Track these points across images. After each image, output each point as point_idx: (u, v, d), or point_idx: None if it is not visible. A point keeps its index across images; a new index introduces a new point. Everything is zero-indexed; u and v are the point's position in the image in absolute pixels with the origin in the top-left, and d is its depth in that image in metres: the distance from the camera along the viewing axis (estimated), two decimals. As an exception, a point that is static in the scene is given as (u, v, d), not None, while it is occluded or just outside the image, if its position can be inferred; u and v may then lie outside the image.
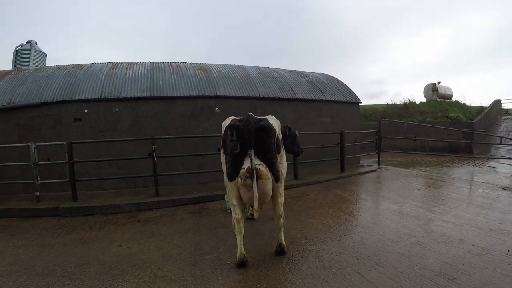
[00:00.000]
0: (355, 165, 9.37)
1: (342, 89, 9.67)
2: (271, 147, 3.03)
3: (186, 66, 8.83)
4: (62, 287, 2.89)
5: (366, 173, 8.27)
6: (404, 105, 17.65)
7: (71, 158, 5.61)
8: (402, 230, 3.85)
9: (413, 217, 4.37)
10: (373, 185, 6.88)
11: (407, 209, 4.83)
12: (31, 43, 9.97)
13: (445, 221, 4.17)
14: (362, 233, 3.85)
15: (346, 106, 9.44)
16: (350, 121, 9.47)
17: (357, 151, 9.64)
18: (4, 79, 6.74)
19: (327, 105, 8.94)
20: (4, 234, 4.35)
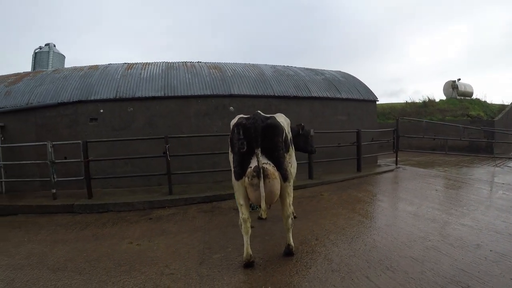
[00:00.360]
0: (372, 164, 9.07)
1: (359, 87, 9.40)
2: (279, 145, 2.96)
3: (201, 65, 8.90)
4: (71, 281, 2.94)
5: (383, 173, 8.00)
6: (423, 103, 17.17)
7: (86, 156, 5.78)
8: (417, 233, 3.70)
9: (429, 220, 4.18)
10: (390, 186, 6.66)
11: (423, 211, 4.62)
12: (50, 46, 10.42)
13: (462, 224, 3.97)
14: (375, 235, 3.71)
15: (363, 104, 9.18)
16: (367, 120, 9.19)
17: (374, 150, 9.33)
18: (23, 80, 7.08)
19: (343, 103, 8.72)
20: (20, 229, 4.52)
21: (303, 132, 4.82)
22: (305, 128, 4.85)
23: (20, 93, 6.70)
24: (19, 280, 2.98)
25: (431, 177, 7.40)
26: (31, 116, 6.61)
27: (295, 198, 5.59)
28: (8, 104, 6.49)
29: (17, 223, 4.81)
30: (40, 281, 2.95)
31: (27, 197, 5.91)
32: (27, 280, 2.97)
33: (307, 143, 4.94)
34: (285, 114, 7.77)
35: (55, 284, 2.90)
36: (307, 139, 4.93)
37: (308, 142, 4.94)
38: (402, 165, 9.07)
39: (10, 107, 6.41)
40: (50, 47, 10.36)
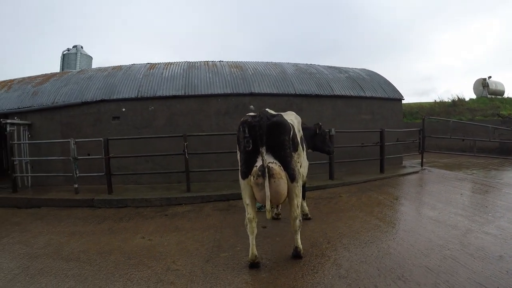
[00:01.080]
0: (397, 165, 8.62)
1: (384, 85, 9.00)
2: (285, 144, 2.88)
3: (222, 64, 9.00)
4: (81, 271, 3.04)
5: (407, 174, 7.58)
6: (452, 102, 16.63)
7: (107, 154, 6.03)
8: (435, 241, 3.45)
9: (450, 226, 3.90)
10: (412, 188, 6.29)
11: (445, 216, 4.32)
12: (77, 48, 11.08)
13: (485, 232, 3.65)
14: (390, 241, 3.50)
15: (388, 103, 8.76)
16: (392, 119, 8.77)
17: (399, 151, 8.87)
18: (49, 81, 7.58)
19: (367, 102, 8.38)
20: (42, 221, 4.78)
21: (321, 132, 4.73)
22: (322, 127, 4.80)
23: (46, 93, 7.18)
24: (34, 268, 3.14)
25: (457, 180, 6.91)
26: (56, 114, 7.04)
27: (312, 198, 5.59)
28: (35, 104, 6.98)
29: (39, 215, 5.11)
30: (52, 270, 3.08)
31: (51, 191, 6.27)
32: (41, 269, 3.11)
33: (324, 143, 4.85)
34: (307, 113, 7.89)
35: (66, 273, 3.01)
36: (325, 139, 4.86)
37: (325, 142, 4.87)
38: (427, 167, 8.58)
39: (37, 106, 6.89)
40: (77, 49, 11.03)
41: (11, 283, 2.84)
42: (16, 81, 8.02)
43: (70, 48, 11.10)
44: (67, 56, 10.90)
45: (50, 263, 3.25)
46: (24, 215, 5.13)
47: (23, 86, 7.62)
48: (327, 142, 4.91)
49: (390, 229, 3.91)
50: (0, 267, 3.16)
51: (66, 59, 10.86)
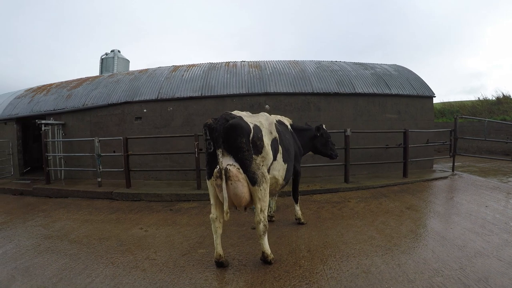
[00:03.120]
0: (426, 169, 8.12)
1: (413, 81, 8.52)
2: (242, 147, 2.94)
3: (243, 64, 9.41)
4: (78, 252, 3.67)
5: (432, 180, 7.07)
6: (496, 100, 15.08)
7: (126, 151, 6.82)
8: (431, 263, 3.10)
9: (457, 246, 3.49)
10: (432, 196, 5.84)
11: (455, 233, 3.92)
12: (114, 52, 12.38)
13: (498, 258, 3.14)
14: (377, 257, 3.27)
15: (417, 100, 8.28)
16: (421, 118, 8.28)
17: (430, 153, 8.33)
18: (82, 85, 8.79)
19: (392, 99, 8.03)
20: (64, 209, 5.70)
21: (322, 134, 4.67)
22: (323, 129, 4.69)
23: (78, 96, 8.35)
24: (43, 246, 3.87)
25: (488, 188, 6.24)
26: (86, 115, 8.16)
27: (318, 202, 5.69)
28: (68, 106, 8.19)
29: (64, 204, 6.08)
30: (56, 249, 3.78)
31: (79, 184, 7.33)
32: (48, 247, 3.83)
33: (326, 146, 4.77)
34: (326, 112, 7.94)
35: (66, 252, 3.66)
36: (327, 141, 4.76)
37: (327, 145, 4.77)
38: (459, 172, 7.92)
39: (69, 108, 8.07)
40: (115, 53, 12.34)
41: (21, 256, 3.59)
42: (54, 85, 9.48)
43: (108, 53, 12.47)
44: (105, 60, 12.27)
45: (57, 244, 3.96)
46: (51, 204, 6.14)
47: (60, 90, 8.96)
48: (329, 145, 4.78)
49: (384, 243, 3.64)
50: (18, 244, 3.98)
51: (104, 63, 12.24)
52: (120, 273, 3.11)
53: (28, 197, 6.83)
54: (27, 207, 5.96)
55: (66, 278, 3.04)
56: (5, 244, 3.98)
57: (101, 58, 12.35)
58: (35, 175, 9.25)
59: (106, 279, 3.00)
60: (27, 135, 10.30)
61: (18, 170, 9.02)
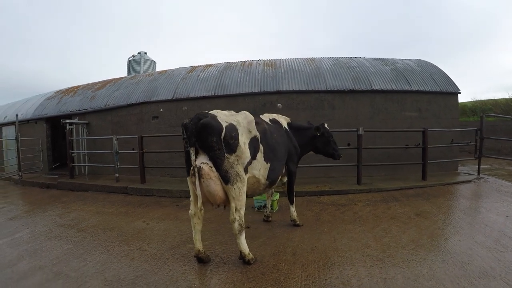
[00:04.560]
0: (450, 172, 7.66)
1: (437, 76, 8.09)
2: (212, 145, 3.07)
3: (258, 63, 9.63)
4: (81, 239, 4.15)
5: (454, 184, 6.65)
6: None
7: (141, 148, 7.38)
8: (420, 282, 2.82)
9: (460, 263, 3.15)
10: (448, 202, 5.49)
11: (463, 246, 3.59)
12: (141, 54, 13.25)
13: (508, 282, 2.76)
14: (362, 268, 3.12)
15: (440, 97, 7.86)
16: (445, 116, 7.85)
17: (455, 154, 7.87)
18: (106, 87, 9.62)
19: (413, 96, 7.71)
20: (82, 202, 6.37)
21: (323, 133, 4.61)
22: (323, 129, 4.62)
23: (101, 97, 9.16)
24: (54, 233, 4.44)
25: None
26: (108, 115, 8.93)
27: (323, 204, 5.71)
28: (91, 106, 9.03)
29: (82, 197, 6.78)
30: (66, 235, 4.33)
31: (99, 179, 8.07)
32: (58, 234, 4.39)
33: (328, 146, 4.69)
34: (340, 110, 7.95)
35: (71, 239, 4.17)
36: (329, 141, 4.68)
37: (329, 145, 4.69)
38: (485, 175, 7.37)
39: (93, 108, 8.89)
40: (141, 55, 13.22)
41: (33, 240, 4.18)
42: (80, 87, 10.49)
43: (135, 55, 13.40)
44: (132, 62, 13.21)
45: (66, 231, 4.52)
46: (72, 196, 6.88)
47: (85, 91, 9.90)
48: (331, 145, 4.70)
49: (377, 253, 3.45)
50: (33, 230, 4.61)
51: (132, 64, 13.17)
52: (111, 260, 3.50)
53: (53, 190, 7.72)
54: (50, 199, 6.75)
55: (65, 261, 3.50)
56: (22, 229, 4.64)
57: (129, 60, 13.29)
58: (63, 170, 10.23)
59: (97, 264, 3.40)
60: (57, 134, 11.42)
61: (47, 165, 10.15)
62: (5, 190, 8.23)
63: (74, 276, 3.14)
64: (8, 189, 8.37)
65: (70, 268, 3.32)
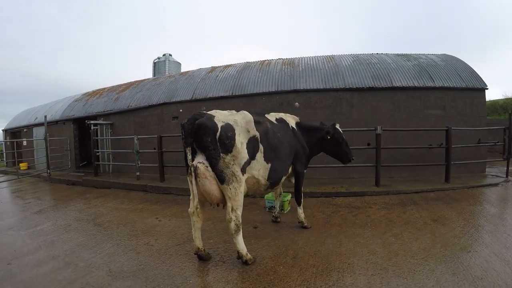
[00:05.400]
0: (476, 174, 7.13)
1: (462, 72, 7.57)
2: (207, 145, 3.10)
3: (277, 62, 9.62)
4: (95, 233, 4.41)
5: (479, 187, 6.17)
6: None
7: (160, 148, 7.66)
8: None
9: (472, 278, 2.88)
10: (470, 207, 5.08)
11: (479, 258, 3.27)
12: (166, 56, 13.71)
13: None
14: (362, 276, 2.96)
15: (465, 93, 7.35)
16: (471, 114, 7.33)
17: (483, 155, 7.30)
18: (129, 89, 10.08)
19: (436, 93, 7.28)
20: (103, 198, 6.73)
21: (333, 135, 4.37)
22: (333, 131, 4.37)
23: (125, 99, 9.62)
24: (72, 226, 4.76)
25: None
26: (130, 116, 9.35)
27: (337, 205, 5.59)
28: (115, 107, 9.51)
29: (104, 194, 7.16)
30: (82, 229, 4.61)
31: (121, 177, 8.48)
32: (76, 227, 4.69)
33: (338, 148, 4.44)
34: (359, 108, 7.79)
35: (87, 232, 4.45)
36: (339, 143, 4.42)
37: (339, 147, 4.43)
38: None
39: (116, 109, 9.36)
40: (166, 57, 13.68)
41: (52, 232, 4.51)
42: (106, 89, 11.09)
43: (160, 57, 13.90)
44: (157, 64, 13.71)
45: (83, 225, 4.81)
46: (94, 193, 7.29)
47: (110, 93, 10.45)
48: (342, 147, 4.42)
49: (382, 261, 3.27)
50: (54, 223, 4.98)
51: (157, 66, 13.68)
52: (119, 253, 3.69)
53: (78, 187, 8.24)
54: (74, 195, 7.22)
55: (77, 252, 3.75)
56: (44, 222, 5.01)
57: (154, 62, 13.82)
58: (89, 168, 10.86)
59: (105, 256, 3.59)
60: (84, 134, 12.10)
61: (74, 164, 10.85)
62: (34, 187, 8.92)
63: (83, 266, 3.35)
64: (37, 186, 9.06)
65: (80, 259, 3.54)
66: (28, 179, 10.56)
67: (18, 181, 10.32)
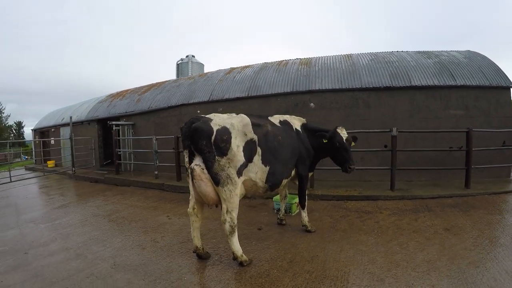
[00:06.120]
0: (501, 179, 6.60)
1: (486, 69, 7.08)
2: (202, 148, 3.20)
3: (294, 62, 9.58)
4: (108, 228, 4.69)
5: (501, 193, 5.72)
6: None
7: (176, 148, 7.94)
8: None
9: None
10: (489, 216, 4.69)
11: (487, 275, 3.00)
12: (189, 57, 14.04)
13: None
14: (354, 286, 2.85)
15: (490, 92, 6.87)
16: (495, 114, 6.83)
17: (508, 159, 6.77)
18: (150, 90, 10.50)
19: (458, 92, 6.86)
20: (121, 195, 7.10)
21: (335, 140, 4.07)
22: (333, 136, 4.09)
23: (146, 100, 10.04)
24: (88, 221, 5.10)
25: None
26: (151, 116, 9.74)
27: (347, 209, 5.45)
28: (137, 109, 9.95)
29: (122, 191, 7.55)
30: (96, 224, 4.94)
31: (141, 176, 8.87)
32: (92, 222, 5.03)
33: (335, 153, 4.13)
34: (376, 109, 7.62)
35: (100, 227, 4.75)
36: (339, 150, 4.07)
37: (338, 152, 4.10)
38: None
39: (137, 111, 9.79)
40: (189, 58, 14.03)
41: (69, 226, 4.88)
42: (129, 91, 11.63)
43: (183, 58, 14.30)
44: (180, 65, 14.12)
45: (99, 220, 5.13)
46: (114, 190, 7.71)
47: (132, 95, 10.94)
48: (341, 153, 4.07)
49: (380, 272, 3.12)
50: (72, 217, 5.38)
51: (180, 67, 14.08)
52: (125, 248, 3.92)
53: (100, 184, 8.75)
54: (94, 192, 7.68)
55: (88, 245, 4.03)
56: (63, 217, 5.42)
57: (177, 64, 14.26)
58: (112, 167, 11.22)
59: (113, 250, 3.84)
60: (108, 134, 12.61)
61: (98, 162, 11.50)
62: (59, 183, 9.60)
63: (91, 258, 3.61)
64: (62, 182, 9.74)
65: (90, 251, 3.82)
66: (54, 176, 11.38)
67: (45, 177, 11.17)
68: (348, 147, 4.08)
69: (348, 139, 4.11)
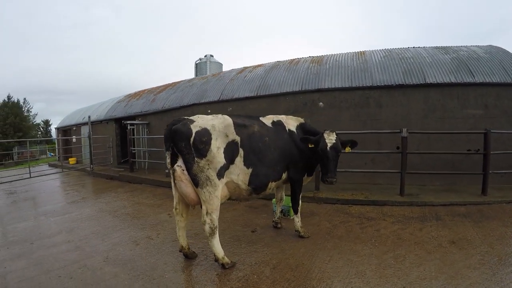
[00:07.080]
0: None
1: (509, 65, 6.53)
2: (182, 150, 3.26)
3: (305, 60, 9.49)
4: (111, 224, 4.97)
5: None
6: None
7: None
8: None
9: None
10: (502, 229, 4.27)
11: None
12: (207, 57, 14.29)
13: None
14: None
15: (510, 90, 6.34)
16: None
17: None
18: (165, 90, 10.84)
19: (476, 90, 6.41)
20: (131, 193, 7.44)
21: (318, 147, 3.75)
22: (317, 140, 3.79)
23: (160, 100, 10.38)
24: (95, 216, 5.45)
25: None
26: (164, 116, 10.06)
27: (349, 215, 5.27)
28: (151, 108, 10.32)
29: (133, 188, 7.91)
30: (102, 219, 5.25)
31: (154, 174, 9.23)
32: (98, 217, 5.37)
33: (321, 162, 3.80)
34: (388, 108, 7.43)
35: (104, 222, 5.06)
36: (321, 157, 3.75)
37: (323, 162, 3.75)
38: None
39: (152, 110, 10.15)
40: (207, 58, 14.29)
41: (75, 220, 5.24)
42: (145, 91, 12.09)
43: (202, 58, 14.58)
44: (199, 65, 14.42)
45: (104, 216, 5.45)
46: (126, 187, 8.09)
47: (148, 95, 11.36)
48: (324, 162, 3.73)
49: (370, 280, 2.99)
50: (80, 212, 5.75)
51: (198, 67, 14.39)
52: (121, 243, 4.14)
53: (115, 181, 9.23)
54: (107, 189, 8.11)
55: (88, 238, 4.32)
56: (72, 211, 5.81)
57: (195, 63, 14.57)
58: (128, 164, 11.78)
59: (110, 245, 4.08)
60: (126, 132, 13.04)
61: (116, 160, 12.07)
62: (77, 180, 10.21)
63: (88, 251, 3.87)
64: (80, 179, 10.36)
65: (89, 245, 4.09)
66: (74, 173, 12.13)
67: (65, 174, 11.94)
68: (331, 156, 3.70)
69: (334, 146, 3.72)
